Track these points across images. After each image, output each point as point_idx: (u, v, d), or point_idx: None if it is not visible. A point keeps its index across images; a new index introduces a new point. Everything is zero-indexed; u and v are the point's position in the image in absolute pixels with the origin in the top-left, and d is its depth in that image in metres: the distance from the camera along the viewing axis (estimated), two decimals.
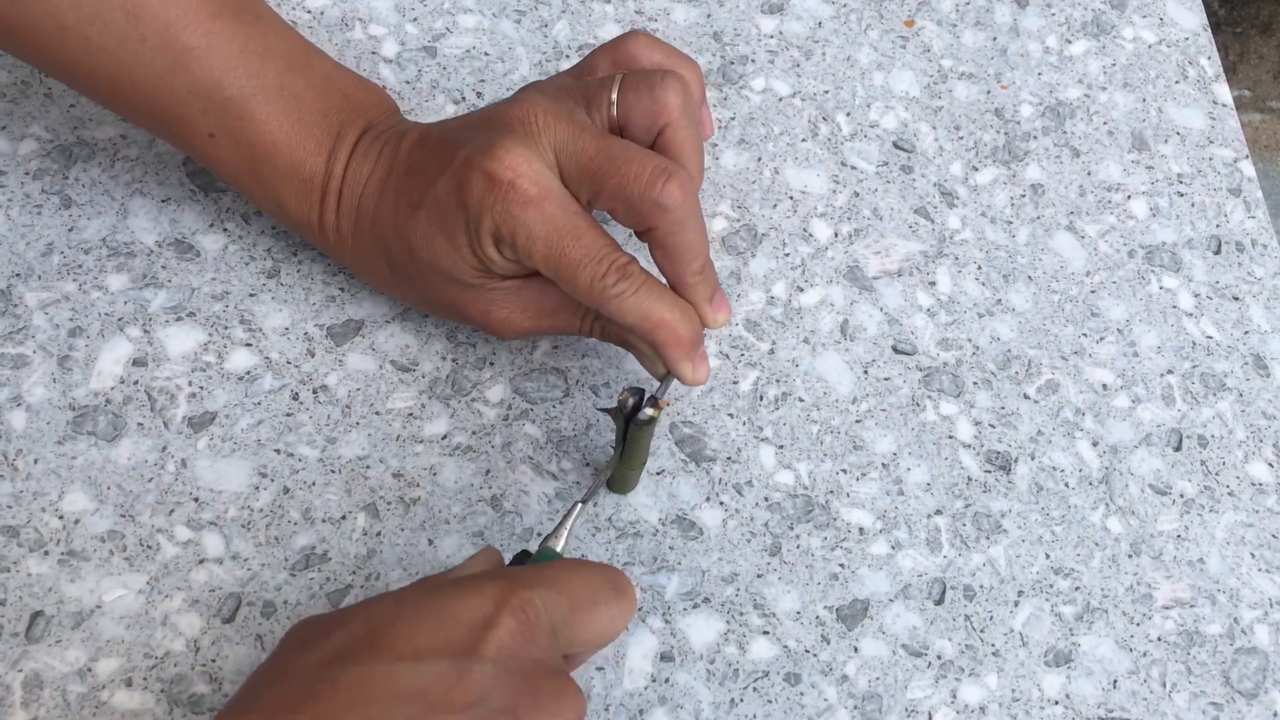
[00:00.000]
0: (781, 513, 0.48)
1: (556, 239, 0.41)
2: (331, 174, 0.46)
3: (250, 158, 0.46)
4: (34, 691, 0.42)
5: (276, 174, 0.46)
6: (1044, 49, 0.59)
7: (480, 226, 0.42)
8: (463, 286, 0.45)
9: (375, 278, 0.48)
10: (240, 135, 0.45)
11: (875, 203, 0.54)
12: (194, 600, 0.44)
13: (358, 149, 0.46)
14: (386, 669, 0.33)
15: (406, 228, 0.44)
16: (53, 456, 0.46)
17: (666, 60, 0.46)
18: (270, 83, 0.45)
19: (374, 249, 0.46)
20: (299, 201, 0.46)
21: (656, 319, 0.42)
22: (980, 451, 0.50)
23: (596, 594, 0.37)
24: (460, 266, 0.44)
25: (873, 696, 0.45)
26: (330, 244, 0.48)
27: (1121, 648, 0.47)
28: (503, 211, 0.41)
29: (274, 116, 0.45)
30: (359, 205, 0.46)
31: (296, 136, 0.46)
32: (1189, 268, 0.54)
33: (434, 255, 0.44)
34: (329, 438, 0.47)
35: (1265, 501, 0.50)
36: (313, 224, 0.47)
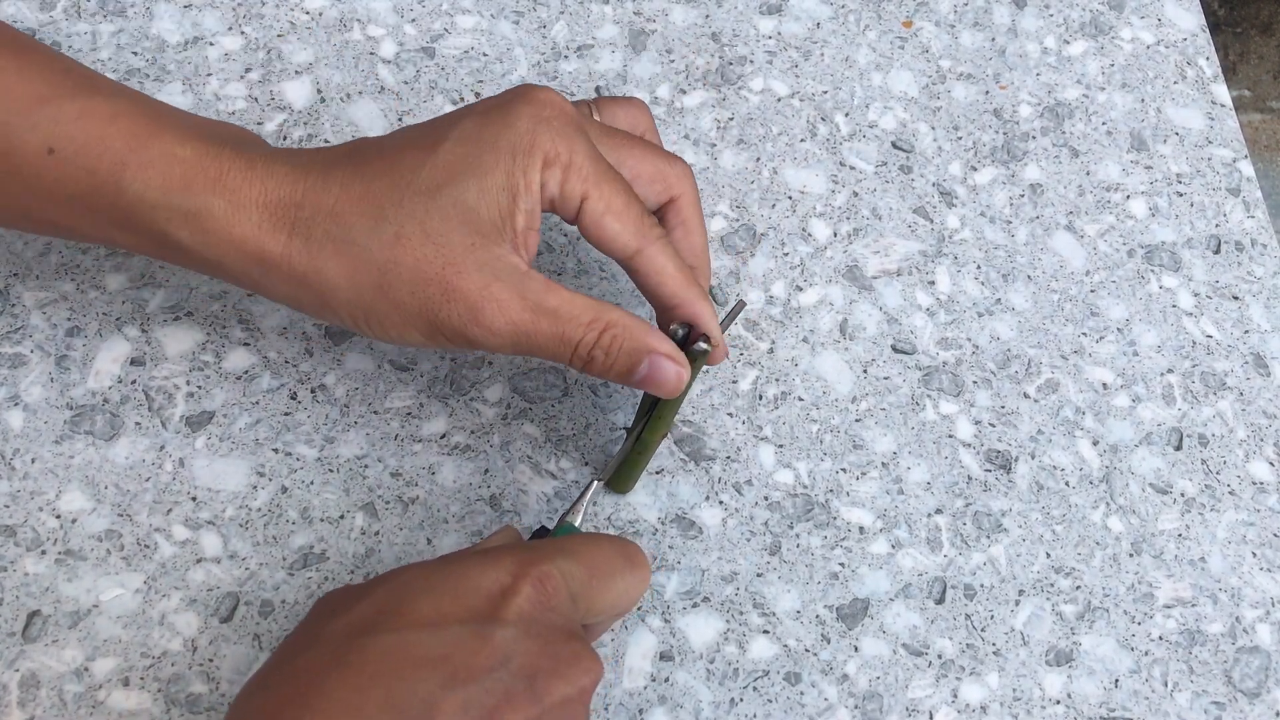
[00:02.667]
0: (781, 512, 0.48)
1: (607, 165, 0.40)
2: (223, 159, 0.39)
3: (107, 160, 0.39)
4: (31, 691, 0.42)
5: (144, 168, 0.39)
6: (1042, 49, 0.59)
7: (533, 147, 0.39)
8: (475, 241, 0.39)
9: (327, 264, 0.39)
10: (87, 137, 0.39)
11: (874, 203, 0.54)
12: (191, 600, 0.44)
13: (261, 149, 0.40)
14: (411, 637, 0.34)
15: (418, 168, 0.39)
16: (50, 456, 0.46)
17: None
18: (107, 86, 0.40)
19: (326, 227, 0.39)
20: (184, 192, 0.39)
21: (688, 270, 0.42)
22: (980, 451, 0.50)
23: (612, 564, 0.38)
24: (487, 203, 0.39)
25: (873, 696, 0.45)
26: (232, 248, 0.39)
27: (1123, 647, 0.47)
28: (561, 128, 0.39)
29: (125, 110, 0.39)
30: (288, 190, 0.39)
31: (161, 125, 0.39)
32: (1189, 267, 0.54)
33: (459, 189, 0.38)
34: (327, 437, 0.47)
35: (1266, 500, 0.50)
36: (208, 216, 0.39)
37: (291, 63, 0.54)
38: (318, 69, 0.54)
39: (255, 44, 0.54)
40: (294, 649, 0.36)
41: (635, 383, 0.41)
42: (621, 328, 0.40)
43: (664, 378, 0.41)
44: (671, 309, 0.42)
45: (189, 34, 0.54)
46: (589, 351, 0.40)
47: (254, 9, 0.55)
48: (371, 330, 0.40)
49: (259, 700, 0.34)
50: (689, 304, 0.41)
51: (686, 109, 0.55)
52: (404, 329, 0.40)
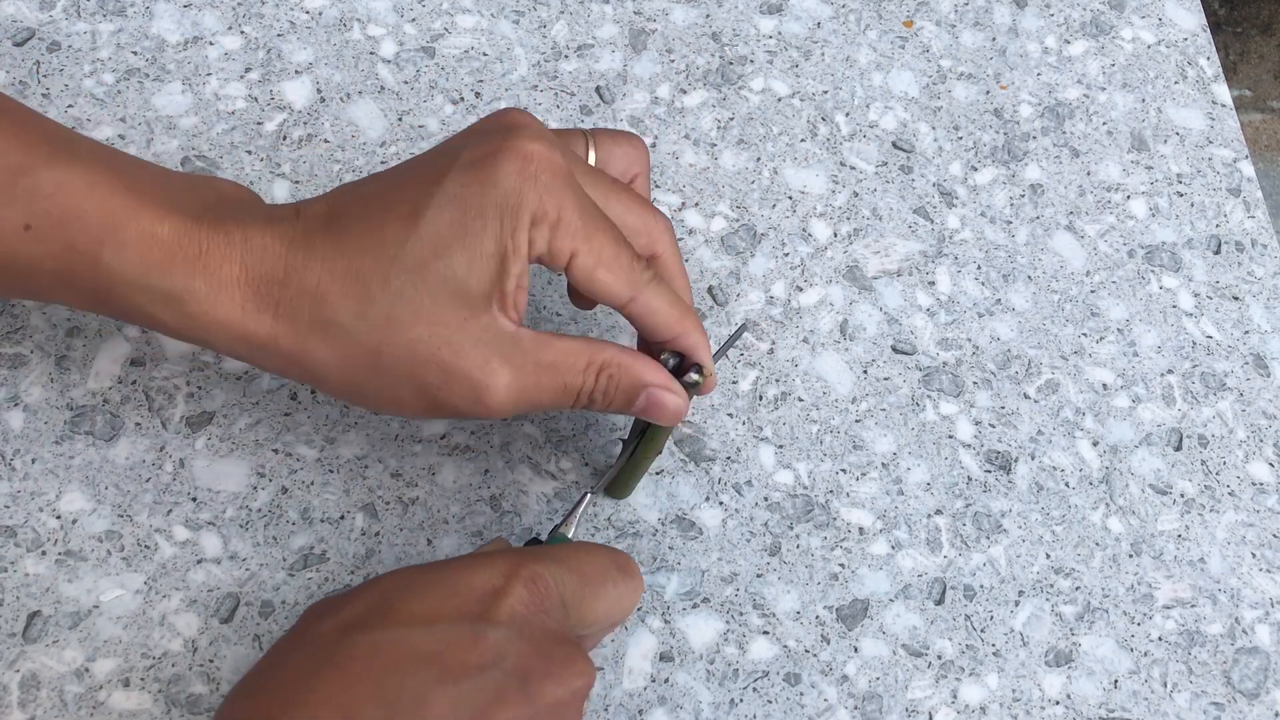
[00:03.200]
0: (781, 512, 0.48)
1: (597, 216, 0.39)
2: (201, 236, 0.38)
3: (85, 237, 0.37)
4: (31, 691, 0.42)
5: (122, 246, 0.37)
6: (1043, 49, 0.59)
7: (521, 207, 0.37)
8: (468, 315, 0.37)
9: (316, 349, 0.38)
10: (64, 213, 0.37)
11: (874, 203, 0.54)
12: (192, 600, 0.44)
13: (240, 218, 0.39)
14: (403, 633, 0.34)
15: (401, 242, 0.37)
16: (50, 456, 0.46)
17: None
18: (85, 150, 0.39)
19: (312, 310, 0.38)
20: (163, 274, 0.37)
21: (683, 306, 0.41)
22: (980, 451, 0.50)
23: (605, 572, 0.38)
24: (477, 274, 0.37)
25: (873, 696, 0.45)
26: (217, 328, 0.38)
27: (1122, 647, 0.47)
28: (548, 182, 0.37)
29: (103, 182, 0.38)
30: (270, 266, 0.38)
31: (139, 199, 0.38)
32: (1189, 268, 0.54)
33: (448, 264, 0.37)
34: (327, 437, 0.47)
35: (1266, 501, 0.50)
36: (189, 299, 0.38)
37: (291, 62, 0.54)
38: (318, 68, 0.54)
39: (255, 43, 0.54)
40: (281, 653, 0.35)
41: (636, 413, 0.41)
42: (616, 366, 0.40)
43: (662, 408, 0.41)
44: (666, 343, 0.41)
45: (189, 33, 0.54)
46: (589, 394, 0.40)
47: (254, 8, 0.55)
48: (365, 405, 0.40)
49: (246, 705, 0.34)
50: (684, 336, 0.41)
51: (687, 109, 0.55)
52: (399, 406, 0.39)
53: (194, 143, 0.52)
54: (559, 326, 0.50)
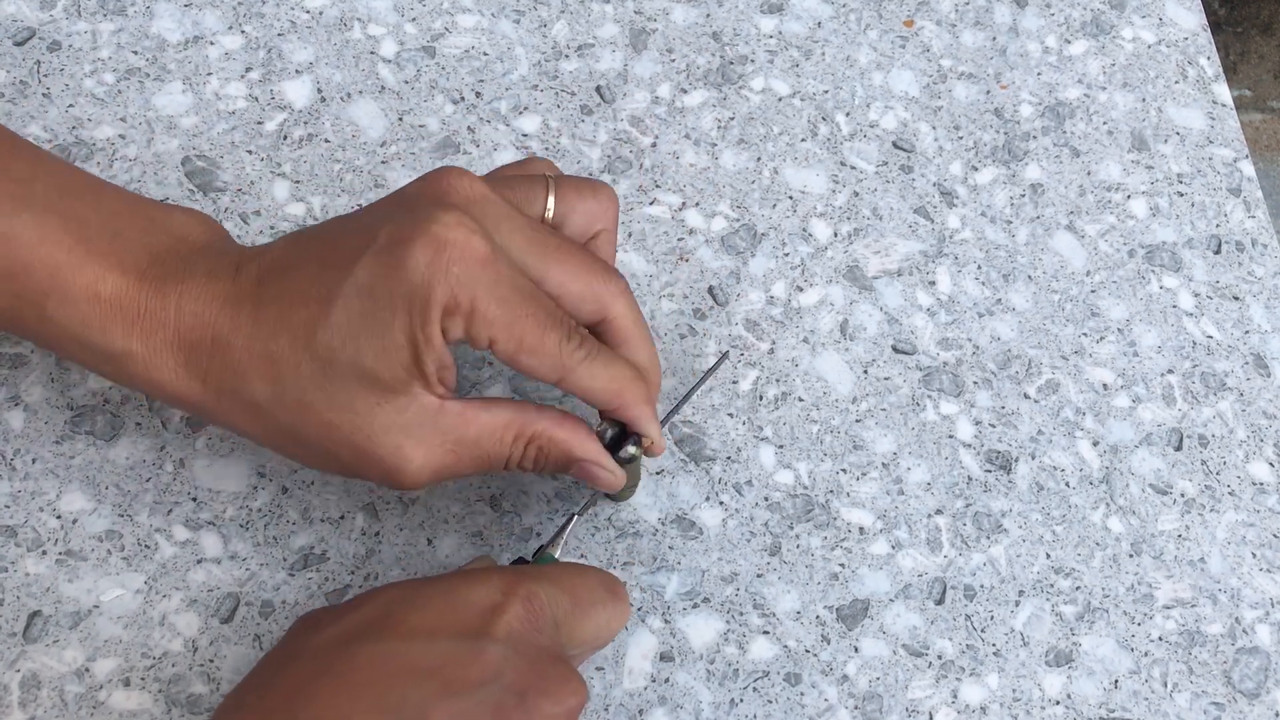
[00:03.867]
0: (781, 512, 0.48)
1: (518, 301, 0.37)
2: (141, 297, 0.39)
3: (32, 288, 0.38)
4: (31, 691, 0.42)
5: (66, 303, 0.38)
6: (1043, 49, 0.59)
7: (430, 299, 0.36)
8: (379, 400, 0.37)
9: (240, 420, 0.39)
10: (12, 264, 0.38)
11: (875, 202, 0.54)
12: (192, 600, 0.44)
13: (182, 274, 0.39)
14: (403, 646, 0.34)
15: (312, 329, 0.37)
16: (51, 456, 0.46)
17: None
18: (41, 199, 0.39)
19: (234, 385, 0.38)
20: (102, 334, 0.38)
21: (624, 378, 0.40)
22: (980, 451, 0.50)
23: (595, 593, 0.38)
24: (387, 363, 0.37)
25: (873, 696, 0.45)
26: (154, 389, 0.40)
27: (1123, 647, 0.47)
28: (460, 273, 0.36)
29: (52, 235, 0.38)
30: (199, 334, 0.38)
31: (86, 253, 0.39)
32: (1189, 267, 0.54)
33: (356, 353, 0.37)
34: None
35: (1266, 501, 0.50)
36: (127, 360, 0.39)
37: (292, 62, 0.54)
38: (318, 68, 0.54)
39: (255, 43, 0.54)
40: (275, 664, 0.35)
41: (573, 477, 0.42)
42: (547, 440, 0.39)
43: (595, 481, 0.41)
44: (608, 413, 0.41)
45: (189, 33, 0.54)
46: (517, 464, 0.40)
47: (254, 8, 0.55)
48: (305, 462, 0.41)
49: (246, 706, 0.34)
50: (623, 410, 0.40)
51: (687, 108, 0.55)
52: (329, 470, 0.41)
53: (194, 142, 0.52)
54: None
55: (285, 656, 0.35)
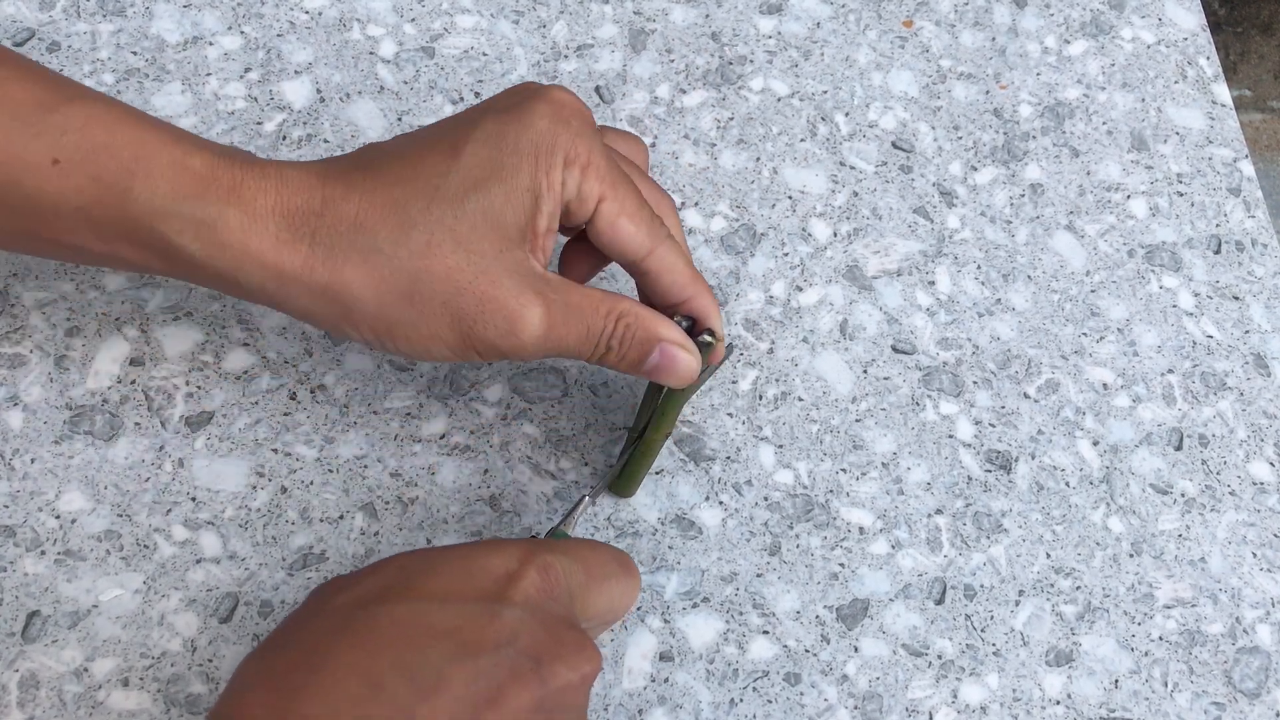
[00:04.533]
0: (781, 512, 0.48)
1: (620, 171, 0.40)
2: (235, 169, 0.38)
3: (114, 168, 0.37)
4: (30, 691, 0.42)
5: (153, 176, 0.37)
6: (1043, 49, 0.59)
7: (555, 146, 0.38)
8: (504, 246, 0.38)
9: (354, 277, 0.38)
10: (93, 144, 0.37)
11: (874, 202, 0.54)
12: (191, 600, 0.44)
13: (271, 159, 0.39)
14: (421, 607, 0.34)
15: (443, 173, 0.38)
16: (50, 456, 0.46)
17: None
18: (109, 99, 0.39)
19: (351, 238, 0.38)
20: (197, 201, 0.37)
21: (694, 268, 0.42)
22: (980, 451, 0.50)
23: (607, 568, 0.39)
24: (513, 208, 0.38)
25: (873, 696, 0.45)
26: (249, 259, 0.38)
27: (1123, 647, 0.47)
28: (579, 128, 0.39)
29: (132, 118, 0.38)
30: (306, 197, 0.38)
31: (170, 135, 0.38)
32: (1189, 267, 0.54)
33: (486, 196, 0.38)
34: (327, 437, 0.47)
35: (1266, 501, 0.50)
36: (223, 227, 0.38)
37: (291, 62, 0.54)
38: (317, 69, 0.54)
39: (255, 44, 0.54)
40: (296, 624, 0.36)
41: (646, 372, 0.41)
42: (634, 316, 0.40)
43: (675, 365, 0.41)
44: (679, 304, 0.42)
45: (189, 33, 0.54)
46: (608, 341, 0.40)
47: (253, 9, 0.55)
48: (395, 344, 0.39)
49: (266, 663, 0.35)
50: (698, 298, 0.42)
51: (686, 109, 0.55)
52: (431, 341, 0.39)
53: None
54: None
55: (305, 617, 0.36)
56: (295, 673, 0.33)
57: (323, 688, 0.32)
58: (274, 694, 0.33)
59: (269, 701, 0.33)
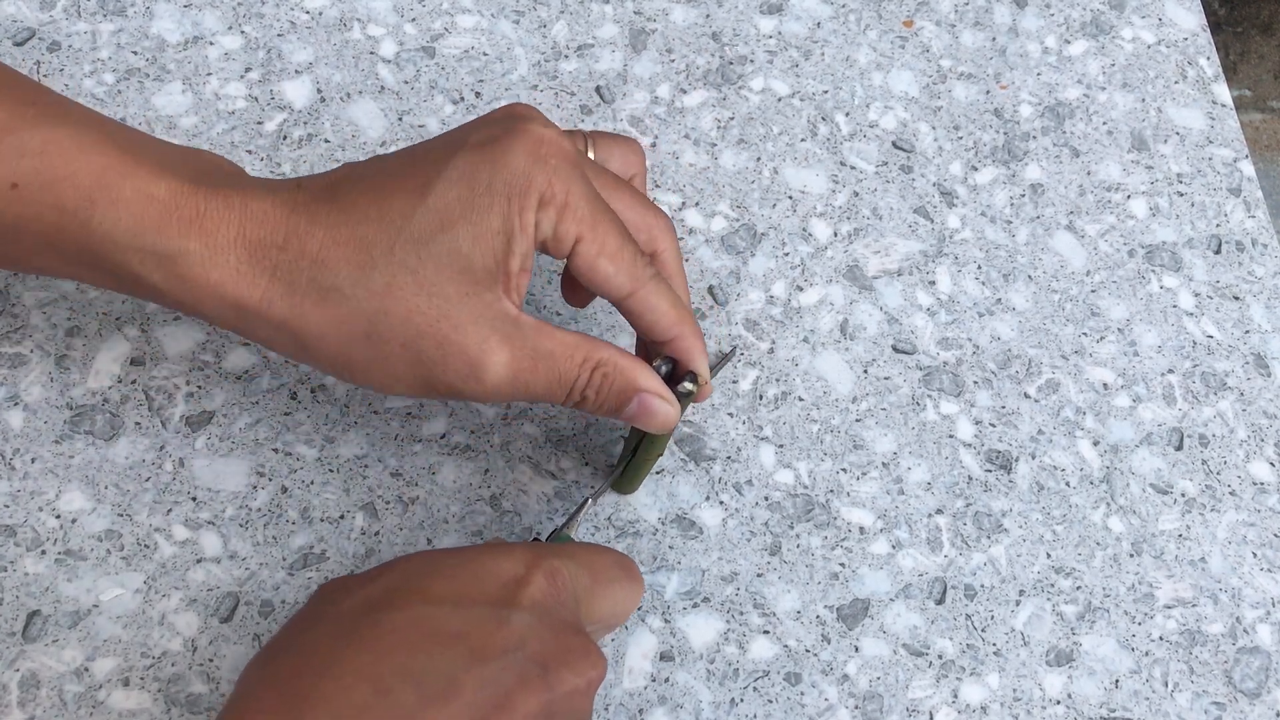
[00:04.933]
0: (781, 512, 0.48)
1: (601, 208, 0.39)
2: (199, 197, 0.37)
3: (74, 196, 0.37)
4: (30, 691, 0.42)
5: (114, 205, 0.37)
6: (1043, 49, 0.59)
7: (529, 187, 0.37)
8: (469, 290, 0.37)
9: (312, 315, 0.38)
10: (53, 172, 0.37)
11: (875, 202, 0.54)
12: (191, 599, 0.44)
13: (238, 185, 0.38)
14: (430, 611, 0.34)
15: (408, 212, 0.37)
16: (50, 456, 0.46)
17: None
18: (77, 115, 0.38)
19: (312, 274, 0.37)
20: (157, 234, 0.37)
21: (681, 306, 0.41)
22: (981, 451, 0.50)
23: (611, 572, 0.39)
24: (481, 251, 0.37)
25: (873, 696, 0.45)
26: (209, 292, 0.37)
27: (1123, 647, 0.47)
28: (557, 166, 0.37)
29: (94, 143, 0.37)
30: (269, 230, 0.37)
31: (134, 160, 0.37)
32: (1189, 267, 0.54)
33: (453, 237, 0.37)
34: (327, 437, 0.47)
35: (1267, 501, 0.50)
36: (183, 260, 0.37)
37: (291, 62, 0.54)
38: (318, 68, 0.54)
39: (255, 43, 0.54)
40: (302, 627, 0.36)
41: (625, 418, 0.40)
42: (611, 366, 0.39)
43: (653, 416, 0.40)
44: (663, 345, 0.41)
45: (189, 33, 0.54)
46: (582, 390, 0.40)
47: (254, 8, 0.55)
48: (355, 379, 0.39)
49: (272, 668, 0.34)
50: (681, 339, 0.41)
51: (686, 109, 0.55)
52: (391, 382, 0.38)
53: (194, 143, 0.52)
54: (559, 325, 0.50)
55: (311, 620, 0.36)
56: (302, 678, 0.33)
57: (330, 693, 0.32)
58: (281, 700, 0.33)
59: (276, 708, 0.33)
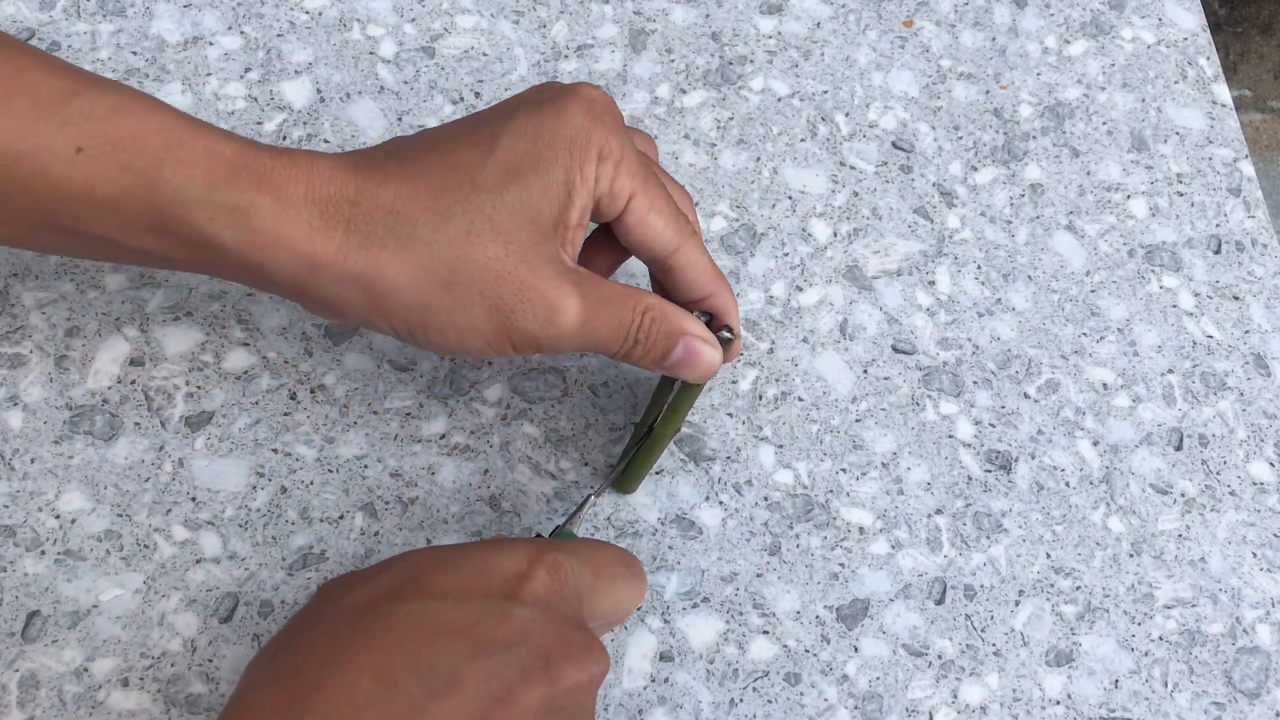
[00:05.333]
0: (781, 512, 0.48)
1: (649, 169, 0.40)
2: (265, 157, 0.38)
3: (142, 156, 0.37)
4: (30, 691, 0.42)
5: (185, 164, 0.37)
6: (1043, 49, 0.59)
7: (589, 142, 0.38)
8: (540, 239, 0.38)
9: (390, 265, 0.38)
10: (120, 132, 0.37)
11: (874, 202, 0.54)
12: (191, 600, 0.44)
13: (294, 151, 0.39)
14: (435, 606, 0.34)
15: (480, 164, 0.38)
16: (50, 456, 0.46)
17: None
18: (139, 92, 0.38)
19: (389, 226, 0.37)
20: (228, 188, 0.37)
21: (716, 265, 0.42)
22: (980, 451, 0.50)
23: (614, 568, 0.39)
24: (548, 201, 0.38)
25: (873, 696, 0.45)
26: (281, 246, 0.37)
27: (1123, 647, 0.47)
28: (611, 125, 0.39)
29: (160, 106, 0.38)
30: (339, 186, 0.38)
31: (198, 124, 0.38)
32: (1189, 267, 0.54)
33: (523, 187, 0.38)
34: (327, 437, 0.47)
35: (1266, 501, 0.50)
36: (254, 213, 0.37)
37: (291, 62, 0.54)
38: (317, 69, 0.54)
39: (255, 44, 0.54)
40: (306, 622, 0.36)
41: (669, 367, 0.41)
42: (658, 310, 0.40)
43: (698, 359, 0.41)
44: (699, 300, 0.42)
45: (189, 34, 0.54)
46: (635, 335, 0.40)
47: (254, 9, 0.55)
48: (428, 336, 0.39)
49: (274, 665, 0.34)
50: (718, 295, 0.42)
51: (686, 109, 0.55)
52: (467, 333, 0.38)
53: None
54: None
55: (313, 618, 0.36)
56: (307, 673, 0.33)
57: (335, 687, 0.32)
58: (286, 694, 0.33)
59: (281, 702, 0.33)
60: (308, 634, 0.35)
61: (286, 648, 0.35)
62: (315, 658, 0.34)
